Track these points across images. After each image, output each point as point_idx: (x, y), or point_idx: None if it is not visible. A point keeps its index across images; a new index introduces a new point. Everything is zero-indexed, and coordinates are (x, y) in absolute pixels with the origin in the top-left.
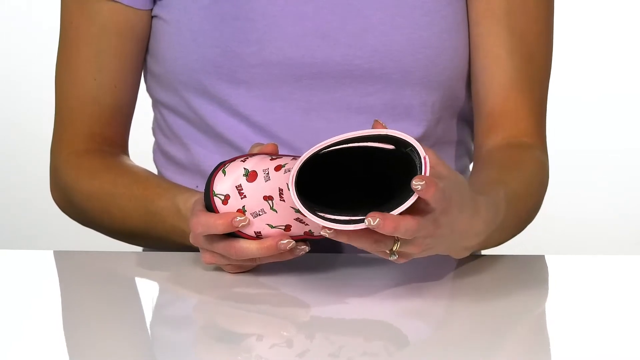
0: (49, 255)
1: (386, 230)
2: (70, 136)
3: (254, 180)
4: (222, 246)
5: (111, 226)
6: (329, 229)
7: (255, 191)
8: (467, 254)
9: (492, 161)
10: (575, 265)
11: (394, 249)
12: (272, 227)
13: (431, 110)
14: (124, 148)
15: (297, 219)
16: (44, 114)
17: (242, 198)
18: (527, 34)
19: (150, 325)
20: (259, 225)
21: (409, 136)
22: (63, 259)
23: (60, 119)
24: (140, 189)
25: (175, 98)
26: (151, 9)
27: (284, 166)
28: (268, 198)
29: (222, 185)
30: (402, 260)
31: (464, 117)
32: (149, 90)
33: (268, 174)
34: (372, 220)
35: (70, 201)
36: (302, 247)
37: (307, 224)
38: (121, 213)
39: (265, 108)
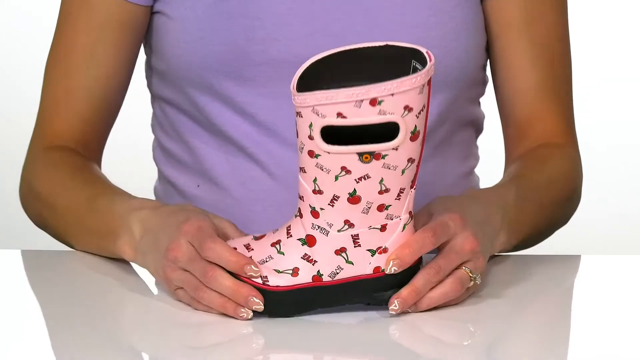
0: (16, 254)
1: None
2: (49, 131)
3: (263, 237)
4: (201, 267)
5: (61, 229)
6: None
7: (262, 244)
8: (503, 238)
9: (519, 161)
10: (606, 266)
11: (471, 274)
12: (279, 272)
13: (437, 110)
14: (98, 155)
15: (304, 257)
16: None
17: (249, 251)
18: (548, 41)
19: (137, 327)
20: (265, 270)
21: (408, 44)
22: (30, 258)
23: (43, 113)
24: (90, 188)
25: (178, 95)
26: (152, 5)
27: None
28: (275, 244)
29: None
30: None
31: (469, 119)
32: (149, 86)
33: (277, 229)
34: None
35: (27, 194)
36: (248, 311)
37: (316, 261)
38: (64, 207)
39: (272, 106)
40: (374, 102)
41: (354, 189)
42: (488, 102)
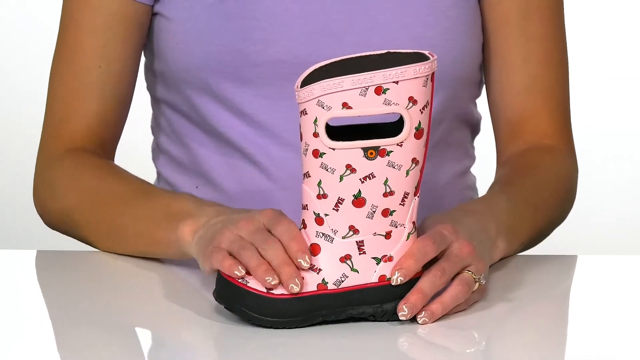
0: (31, 255)
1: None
2: (65, 133)
3: None
4: (264, 236)
5: (99, 225)
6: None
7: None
8: (502, 245)
9: (507, 166)
10: (601, 266)
11: (474, 276)
12: None
13: (434, 109)
14: (112, 156)
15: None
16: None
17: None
18: (543, 38)
19: (143, 326)
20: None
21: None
22: (45, 259)
23: (54, 116)
24: (139, 182)
25: (177, 96)
26: (152, 5)
27: None
28: None
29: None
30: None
31: (465, 119)
32: (149, 88)
33: None
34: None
35: (50, 197)
36: (275, 278)
37: (320, 269)
38: (118, 211)
39: (270, 107)
40: (379, 90)
41: (359, 190)
42: (485, 104)
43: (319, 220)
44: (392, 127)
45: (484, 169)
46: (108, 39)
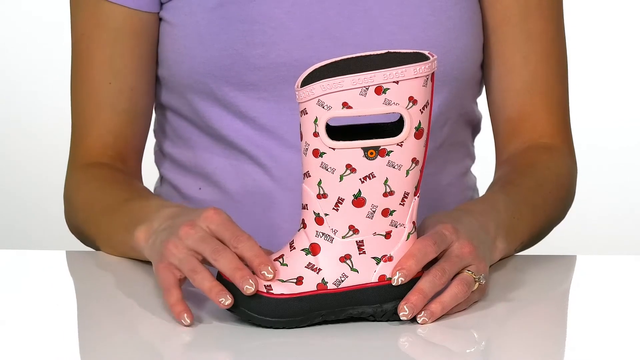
0: (61, 255)
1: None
2: (83, 150)
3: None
4: (213, 245)
5: (98, 236)
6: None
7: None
8: (502, 245)
9: (507, 166)
10: (600, 266)
11: (474, 276)
12: (283, 281)
13: (438, 110)
14: (136, 168)
15: (308, 266)
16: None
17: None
18: (543, 36)
19: (143, 326)
20: (269, 280)
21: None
22: (75, 259)
23: (75, 134)
24: (129, 192)
25: (179, 101)
26: (158, 12)
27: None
28: (278, 258)
29: None
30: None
31: (468, 118)
32: None
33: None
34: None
35: (68, 211)
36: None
37: (320, 269)
38: (101, 210)
39: (273, 110)
40: (379, 90)
41: (359, 190)
42: (485, 103)
43: (319, 220)
44: (392, 127)
45: (484, 169)
46: (115, 53)
